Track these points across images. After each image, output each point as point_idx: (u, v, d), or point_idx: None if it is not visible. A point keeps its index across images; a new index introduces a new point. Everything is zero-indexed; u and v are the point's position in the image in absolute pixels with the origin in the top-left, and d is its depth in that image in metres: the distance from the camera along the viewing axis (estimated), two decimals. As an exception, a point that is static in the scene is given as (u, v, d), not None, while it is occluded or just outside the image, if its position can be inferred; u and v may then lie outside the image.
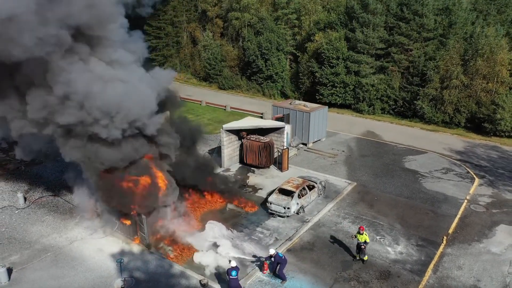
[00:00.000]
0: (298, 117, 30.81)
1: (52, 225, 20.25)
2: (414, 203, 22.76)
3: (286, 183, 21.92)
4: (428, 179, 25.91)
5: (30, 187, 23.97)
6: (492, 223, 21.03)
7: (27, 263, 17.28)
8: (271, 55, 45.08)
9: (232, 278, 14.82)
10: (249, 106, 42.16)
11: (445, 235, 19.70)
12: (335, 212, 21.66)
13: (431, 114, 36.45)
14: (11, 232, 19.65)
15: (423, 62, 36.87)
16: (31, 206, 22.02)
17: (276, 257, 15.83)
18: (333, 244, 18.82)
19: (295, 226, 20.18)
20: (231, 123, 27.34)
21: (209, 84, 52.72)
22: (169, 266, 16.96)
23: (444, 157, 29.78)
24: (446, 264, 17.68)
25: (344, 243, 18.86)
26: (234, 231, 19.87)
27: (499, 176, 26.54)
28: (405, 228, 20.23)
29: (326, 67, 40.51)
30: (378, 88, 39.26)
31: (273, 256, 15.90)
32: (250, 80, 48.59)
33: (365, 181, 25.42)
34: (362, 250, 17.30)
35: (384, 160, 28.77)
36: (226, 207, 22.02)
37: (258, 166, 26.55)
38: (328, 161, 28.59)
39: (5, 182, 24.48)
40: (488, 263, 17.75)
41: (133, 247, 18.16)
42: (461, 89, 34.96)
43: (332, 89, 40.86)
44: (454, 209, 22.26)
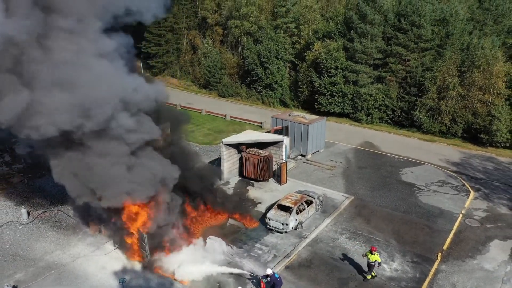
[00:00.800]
0: (296, 129, 31.27)
1: (56, 241, 20.71)
2: (410, 218, 23.22)
3: (285, 199, 22.38)
4: (424, 192, 26.37)
5: (33, 201, 24.39)
6: (486, 238, 21.50)
7: (32, 281, 17.75)
8: (270, 64, 45.51)
9: None
10: (248, 115, 42.65)
11: (440, 251, 20.16)
12: (332, 227, 22.12)
13: (428, 124, 36.91)
14: (16, 248, 20.10)
15: (421, 73, 37.34)
16: (35, 221, 22.46)
17: (272, 277, 16.25)
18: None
19: (293, 242, 20.64)
20: (230, 137, 27.81)
21: (209, 92, 53.15)
22: (170, 285, 17.42)
23: (440, 168, 30.24)
24: (440, 282, 18.15)
25: (340, 259, 19.34)
26: (234, 247, 20.34)
27: (494, 189, 27.00)
28: (400, 244, 20.69)
29: (325, 76, 40.97)
30: (376, 98, 39.72)
31: (270, 275, 16.32)
32: (250, 88, 49.03)
33: (362, 194, 25.88)
34: (371, 268, 17.72)
35: (381, 173, 29.22)
36: (227, 223, 22.44)
37: (257, 179, 27.01)
38: (326, 173, 29.05)
39: (9, 196, 24.90)
40: (481, 280, 18.22)
41: (135, 265, 18.60)
42: (457, 100, 35.41)
43: (330, 98, 41.32)
44: (449, 224, 22.72)
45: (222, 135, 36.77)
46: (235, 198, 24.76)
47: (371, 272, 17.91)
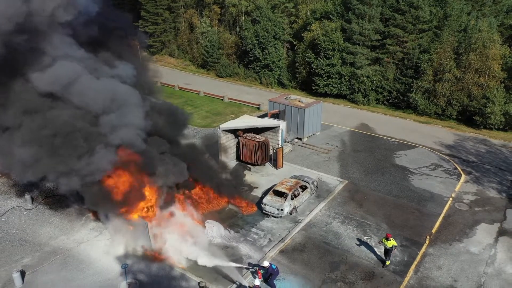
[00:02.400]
0: (293, 112, 31.71)
1: (60, 226, 21.53)
2: (401, 202, 24.01)
3: (280, 185, 23.09)
4: (416, 176, 27.09)
5: (36, 186, 25.02)
6: (474, 222, 22.33)
7: (39, 266, 18.63)
8: (268, 44, 45.42)
9: None
10: (246, 96, 42.96)
11: (428, 235, 21.04)
12: (326, 212, 22.93)
13: (424, 106, 37.30)
14: (22, 234, 20.94)
15: (417, 55, 37.43)
16: (39, 206, 23.23)
17: (269, 269, 16.98)
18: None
19: (287, 227, 21.48)
20: (228, 122, 28.25)
21: (207, 72, 53.19)
22: (170, 269, 18.33)
23: (434, 151, 30.86)
24: (427, 265, 19.07)
25: (333, 244, 20.23)
26: (232, 231, 21.19)
27: (485, 172, 27.71)
28: (391, 228, 21.52)
29: (322, 57, 41.04)
30: (373, 79, 39.94)
31: (267, 268, 17.05)
32: (248, 68, 49.09)
33: (356, 178, 26.60)
34: (389, 254, 18.50)
35: (375, 156, 29.87)
36: (227, 207, 23.18)
37: (254, 164, 27.68)
38: (322, 157, 29.69)
39: (12, 182, 25.54)
40: (466, 263, 19.14)
41: (137, 250, 19.45)
42: (453, 82, 35.67)
43: (327, 80, 41.53)
44: (439, 207, 23.53)
45: (220, 118, 37.32)
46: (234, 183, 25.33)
47: (389, 258, 18.66)
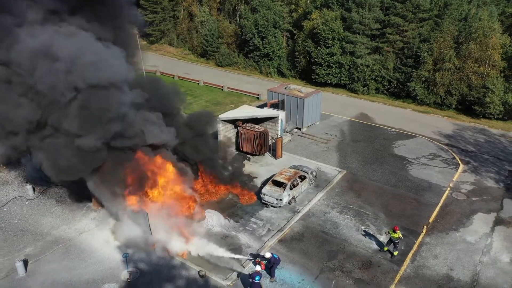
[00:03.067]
0: (292, 102, 31.76)
1: (61, 216, 21.76)
2: (399, 192, 24.22)
3: (279, 175, 23.27)
4: (414, 165, 27.26)
5: (37, 176, 25.20)
6: (471, 211, 22.57)
7: (41, 255, 18.89)
8: (267, 33, 45.22)
9: (256, 282, 16.04)
10: (246, 86, 42.95)
11: (425, 224, 21.29)
12: (325, 201, 23.16)
13: (424, 95, 37.30)
14: (24, 223, 21.17)
15: (418, 44, 37.31)
16: (40, 196, 23.45)
17: (271, 259, 17.16)
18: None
19: (286, 217, 21.73)
20: (227, 112, 28.33)
21: (207, 61, 53.03)
22: (170, 258, 18.59)
23: (432, 141, 31.00)
24: (424, 254, 19.34)
25: (331, 233, 20.49)
26: (231, 221, 21.44)
27: (483, 162, 27.87)
28: (388, 218, 21.78)
29: (322, 47, 40.91)
30: (373, 69, 39.89)
31: (270, 258, 17.19)
32: (247, 58, 48.95)
33: (354, 168, 26.78)
34: (396, 246, 18.80)
35: (374, 146, 30.00)
36: (227, 197, 23.39)
37: (253, 154, 27.83)
38: (321, 147, 29.83)
39: (13, 171, 25.75)
40: (462, 252, 19.41)
41: (137, 239, 19.70)
42: (453, 71, 35.62)
43: (327, 69, 41.47)
44: (437, 197, 23.75)
45: (219, 107, 37.39)
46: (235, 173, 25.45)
47: (396, 249, 18.92)
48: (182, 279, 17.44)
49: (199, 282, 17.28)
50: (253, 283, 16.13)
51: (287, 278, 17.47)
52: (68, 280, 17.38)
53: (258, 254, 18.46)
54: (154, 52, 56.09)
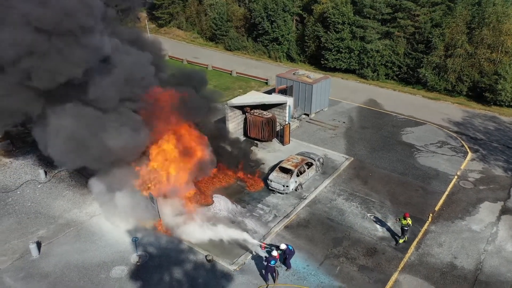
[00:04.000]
0: (301, 88, 31.65)
1: (72, 200, 22.28)
2: (406, 179, 24.27)
3: (286, 162, 23.44)
4: (422, 153, 27.21)
5: (49, 160, 25.65)
6: (477, 200, 22.58)
7: (53, 237, 19.46)
8: (277, 17, 44.76)
9: (270, 266, 16.32)
10: (254, 71, 42.80)
11: (431, 212, 21.40)
12: (331, 188, 23.33)
13: (434, 82, 36.87)
14: (36, 206, 21.74)
15: (429, 29, 36.70)
16: (52, 180, 23.98)
17: (287, 250, 17.23)
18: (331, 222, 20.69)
19: (293, 203, 21.98)
20: (235, 98, 28.40)
21: (215, 45, 52.79)
22: (178, 242, 19.04)
23: (441, 128, 30.80)
24: (429, 242, 19.51)
25: (337, 220, 20.73)
26: (238, 206, 21.76)
27: (492, 151, 27.69)
28: (394, 205, 21.92)
29: (332, 31, 40.46)
30: (383, 54, 39.43)
31: (285, 250, 17.29)
32: (256, 42, 48.62)
33: (362, 155, 26.82)
34: (404, 233, 18.96)
35: (382, 133, 29.93)
36: (236, 183, 23.65)
37: (261, 140, 27.97)
38: (329, 133, 29.85)
39: (26, 155, 26.28)
40: (467, 241, 19.54)
41: (146, 223, 20.15)
42: (465, 57, 35.08)
43: (337, 54, 41.08)
44: (444, 185, 23.76)
45: (228, 92, 37.40)
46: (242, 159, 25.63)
47: (404, 236, 19.12)
48: (190, 263, 17.90)
49: (207, 266, 17.72)
50: (268, 267, 16.48)
51: (292, 264, 17.77)
52: (80, 262, 17.94)
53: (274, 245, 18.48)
54: (163, 36, 55.93)
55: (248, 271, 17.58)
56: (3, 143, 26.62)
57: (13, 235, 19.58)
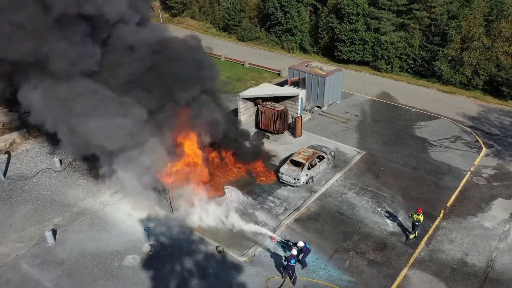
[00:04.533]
0: (313, 80, 31.48)
1: (87, 189, 22.68)
2: (418, 174, 24.12)
3: (297, 155, 23.47)
4: (435, 148, 26.95)
5: (64, 149, 26.09)
6: (491, 196, 22.35)
7: (68, 225, 19.89)
8: (290, 8, 44.38)
9: (290, 265, 16.15)
10: (267, 62, 42.65)
11: (443, 208, 21.28)
12: (342, 182, 23.32)
13: (449, 75, 36.31)
14: (52, 195, 22.20)
15: (446, 21, 36.04)
16: (67, 169, 24.42)
17: (304, 248, 17.12)
18: (341, 216, 20.74)
19: (303, 196, 22.06)
20: (247, 90, 28.42)
21: (228, 35, 52.65)
22: (190, 233, 19.33)
23: (455, 123, 30.42)
24: (439, 238, 19.45)
25: (347, 214, 20.77)
26: (249, 198, 21.92)
27: (507, 146, 27.29)
28: (406, 200, 21.84)
29: (346, 23, 40.02)
30: (398, 46, 38.90)
31: (302, 247, 17.13)
32: (269, 33, 48.35)
33: (374, 149, 26.69)
34: (414, 228, 18.90)
35: (395, 126, 29.69)
36: (247, 175, 23.72)
37: (273, 132, 28.01)
38: (341, 126, 29.73)
39: (41, 144, 26.73)
40: (479, 238, 19.42)
41: (158, 213, 20.47)
42: (481, 51, 34.43)
43: (350, 46, 40.66)
44: (456, 181, 23.56)
45: (240, 84, 37.43)
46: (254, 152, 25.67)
47: (415, 232, 19.08)
48: (200, 254, 18.17)
49: (217, 257, 17.97)
50: (287, 266, 16.32)
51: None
52: (94, 250, 18.35)
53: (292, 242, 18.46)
54: (176, 25, 55.93)
55: (258, 263, 17.78)
56: (20, 132, 27.11)
57: (29, 222, 20.07)
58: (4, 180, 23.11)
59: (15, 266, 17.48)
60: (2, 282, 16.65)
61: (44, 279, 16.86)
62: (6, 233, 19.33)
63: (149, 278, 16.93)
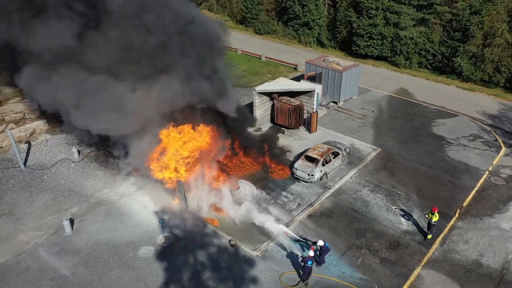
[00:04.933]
0: (330, 75, 31.27)
1: (104, 180, 23.10)
2: (434, 173, 23.81)
3: (312, 150, 23.42)
4: (453, 146, 26.54)
5: (82, 140, 26.55)
6: (509, 197, 21.94)
7: (85, 215, 20.33)
8: (308, 1, 43.96)
9: (308, 266, 16.06)
10: (284, 56, 42.44)
11: (459, 208, 20.99)
12: (356, 179, 23.20)
13: (470, 72, 35.58)
14: (70, 184, 22.68)
15: (467, 16, 35.23)
16: (84, 159, 24.88)
17: (323, 247, 17.08)
18: (354, 212, 20.69)
19: (317, 192, 22.04)
20: (263, 85, 28.40)
21: (245, 28, 52.51)
22: (204, 226, 19.55)
23: (474, 121, 29.86)
24: (454, 238, 19.23)
25: (361, 212, 20.68)
26: (263, 193, 22.02)
27: (528, 146, 26.74)
28: (421, 199, 21.62)
29: (364, 17, 39.49)
30: (417, 42, 38.23)
31: (322, 246, 17.11)
32: (287, 26, 48.05)
33: (390, 146, 26.42)
34: (431, 228, 18.74)
35: (412, 124, 29.31)
36: (262, 170, 23.81)
37: (288, 127, 27.97)
38: (357, 122, 29.49)
39: (60, 135, 27.26)
40: (495, 239, 19.13)
41: (173, 206, 20.75)
42: (504, 47, 33.61)
43: (369, 41, 40.14)
44: (473, 181, 23.19)
45: (256, 77, 37.40)
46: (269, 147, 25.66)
47: (431, 232, 18.89)
48: (213, 247, 18.37)
49: (230, 251, 18.15)
50: (305, 267, 16.23)
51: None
52: (110, 240, 18.73)
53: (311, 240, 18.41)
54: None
55: (270, 257, 17.90)
56: (40, 122, 27.68)
57: (48, 211, 20.58)
58: (24, 169, 23.69)
59: (34, 254, 17.99)
60: (22, 270, 17.16)
61: (62, 267, 17.31)
62: (26, 221, 19.88)
63: (163, 270, 17.22)
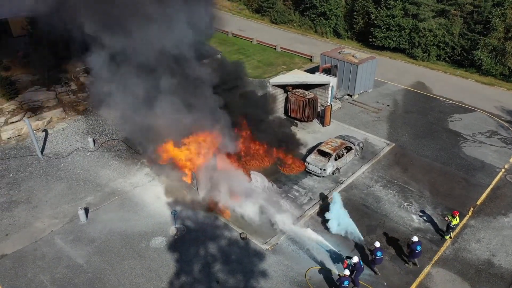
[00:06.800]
0: (345, 68, 30.92)
1: (118, 169, 23.47)
2: (448, 170, 23.51)
3: (325, 145, 23.34)
4: (469, 143, 26.11)
5: (97, 130, 27.03)
6: (524, 196, 21.62)
7: (100, 205, 20.75)
8: (326, -10, 43.37)
9: (344, 286, 15.16)
10: (299, 46, 42.06)
11: (472, 206, 20.74)
12: (369, 174, 23.08)
13: (490, 66, 34.76)
14: (85, 174, 23.13)
15: (489, 8, 34.28)
16: (99, 149, 25.30)
17: (357, 264, 15.95)
18: (366, 208, 20.64)
19: (329, 187, 22.02)
20: (277, 77, 28.30)
21: (261, 17, 52.08)
22: (215, 218, 19.78)
23: (492, 117, 29.27)
24: (466, 236, 19.07)
25: (372, 207, 20.61)
26: (275, 186, 22.10)
27: (547, 144, 26.13)
28: (434, 196, 21.42)
29: (383, 8, 38.79)
30: (436, 34, 37.44)
31: (356, 263, 15.97)
32: (303, 16, 47.51)
33: (404, 141, 26.14)
34: (449, 230, 18.56)
35: (428, 119, 28.88)
36: (276, 163, 23.79)
37: (301, 120, 27.87)
38: (371, 116, 29.20)
39: (76, 124, 27.74)
40: (508, 239, 18.90)
41: (186, 197, 21.01)
42: (527, 41, 32.70)
43: (386, 32, 39.48)
44: (488, 178, 22.85)
45: (271, 68, 37.22)
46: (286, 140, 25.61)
47: (450, 233, 18.75)
48: (224, 239, 18.61)
49: (240, 244, 18.37)
50: (340, 287, 15.39)
51: (326, 249, 18.03)
52: (123, 230, 19.13)
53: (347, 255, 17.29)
54: (209, 6, 55.73)
55: (280, 251, 18.06)
56: (57, 111, 28.18)
57: (64, 200, 21.08)
58: (42, 158, 24.23)
59: (50, 241, 18.50)
60: (38, 257, 17.70)
61: (77, 256, 17.78)
62: (42, 209, 20.42)
63: (174, 261, 17.55)
